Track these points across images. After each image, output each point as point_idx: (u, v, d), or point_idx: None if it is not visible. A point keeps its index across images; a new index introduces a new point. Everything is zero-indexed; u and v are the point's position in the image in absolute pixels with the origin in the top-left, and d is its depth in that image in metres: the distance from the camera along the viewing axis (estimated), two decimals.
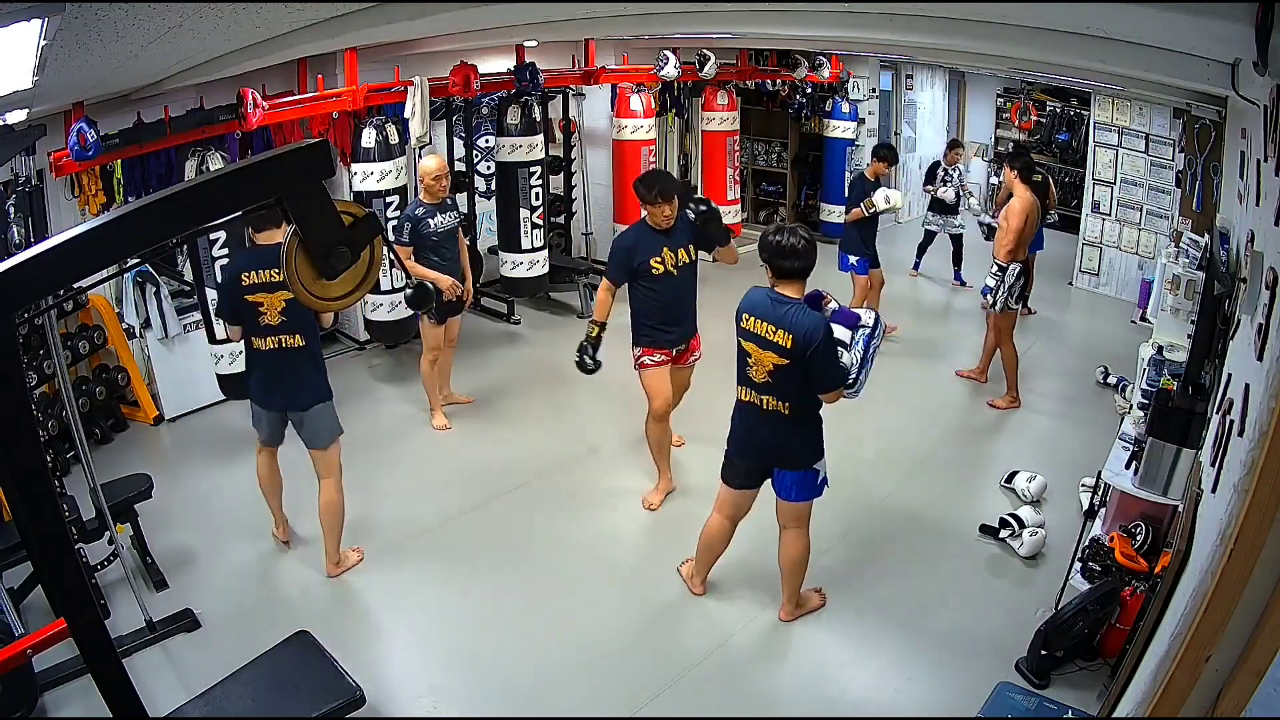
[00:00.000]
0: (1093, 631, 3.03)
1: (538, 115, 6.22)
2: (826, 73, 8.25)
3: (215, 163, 4.63)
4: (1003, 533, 3.86)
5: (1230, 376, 2.30)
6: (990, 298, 5.06)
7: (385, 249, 1.84)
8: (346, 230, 1.70)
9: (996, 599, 3.56)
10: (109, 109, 4.54)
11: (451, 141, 6.48)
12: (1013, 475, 4.30)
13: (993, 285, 5.02)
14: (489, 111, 6.74)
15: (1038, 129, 9.60)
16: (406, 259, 4.42)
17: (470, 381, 5.45)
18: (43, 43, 2.06)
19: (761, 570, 3.49)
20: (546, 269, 6.43)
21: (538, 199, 6.22)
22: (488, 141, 6.85)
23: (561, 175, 7.33)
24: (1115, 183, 7.29)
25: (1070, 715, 2.77)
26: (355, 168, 5.23)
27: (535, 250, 6.29)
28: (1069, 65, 4.54)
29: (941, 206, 7.58)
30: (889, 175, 6.04)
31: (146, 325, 5.01)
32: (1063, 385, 5.62)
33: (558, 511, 4.14)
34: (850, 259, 5.96)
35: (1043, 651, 3.00)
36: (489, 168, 6.91)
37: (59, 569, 1.42)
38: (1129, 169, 7.17)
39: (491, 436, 4.90)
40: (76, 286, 1.57)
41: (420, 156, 5.07)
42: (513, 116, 6.05)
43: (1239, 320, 2.31)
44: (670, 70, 6.91)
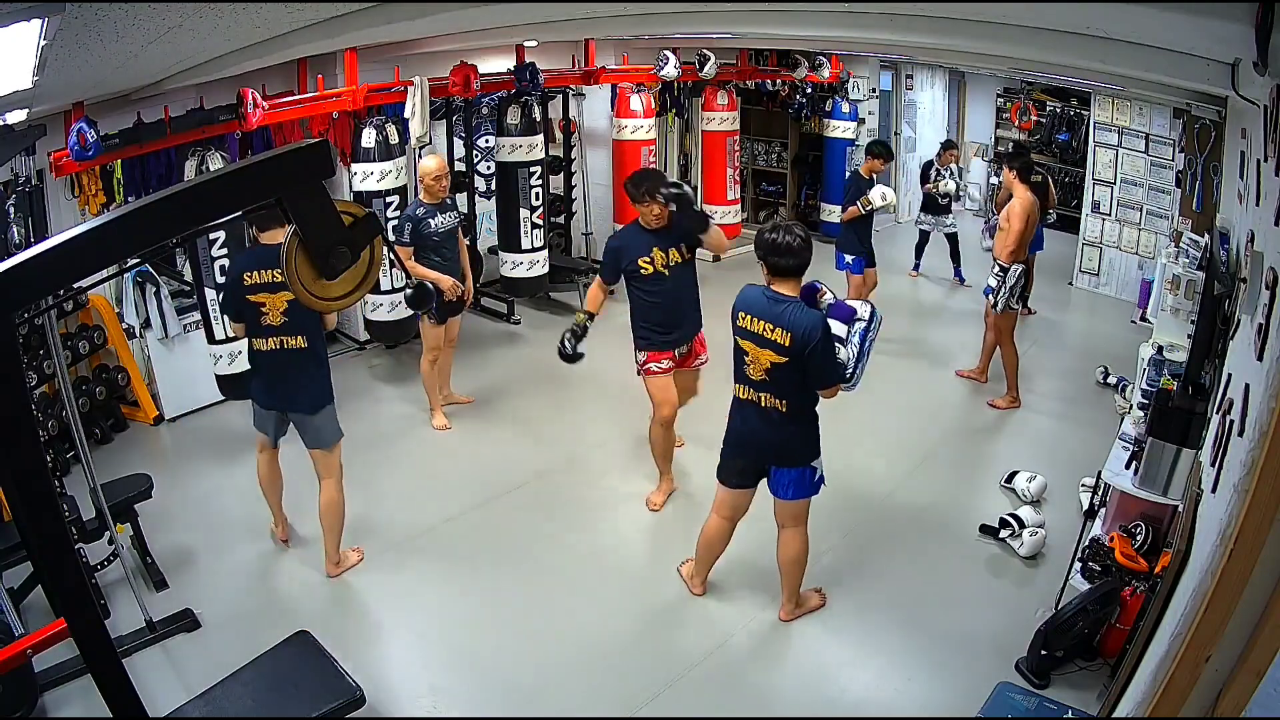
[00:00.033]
0: (1093, 631, 3.03)
1: (538, 115, 6.22)
2: (826, 73, 8.25)
3: (215, 163, 4.63)
4: (1003, 533, 3.86)
5: (1230, 376, 2.31)
6: (992, 298, 5.07)
7: (385, 249, 1.84)
8: (346, 230, 1.70)
9: (996, 599, 3.56)
10: (109, 109, 4.54)
11: (451, 141, 6.48)
12: (1013, 475, 4.30)
13: (994, 286, 5.05)
14: (489, 111, 6.74)
15: (1038, 129, 9.60)
16: (407, 259, 4.42)
17: (470, 381, 5.45)
18: (43, 43, 2.06)
19: (761, 570, 3.49)
20: (546, 269, 6.43)
21: (538, 199, 6.22)
22: (488, 141, 6.85)
23: (561, 175, 7.33)
24: (1115, 183, 7.29)
25: (1070, 715, 2.77)
26: (355, 168, 5.23)
27: (535, 250, 6.29)
28: (1069, 65, 4.54)
29: (934, 206, 7.58)
30: (885, 173, 6.04)
31: (146, 325, 5.01)
32: (1063, 385, 5.62)
33: (558, 512, 4.14)
34: (846, 258, 5.97)
35: (1043, 651, 3.00)
36: (489, 168, 6.91)
37: (59, 569, 1.42)
38: (1129, 169, 7.17)
39: (491, 436, 4.90)
40: (76, 286, 1.57)
41: (420, 156, 5.07)
42: (513, 116, 6.05)
43: (1239, 320, 2.31)
44: (670, 70, 6.90)
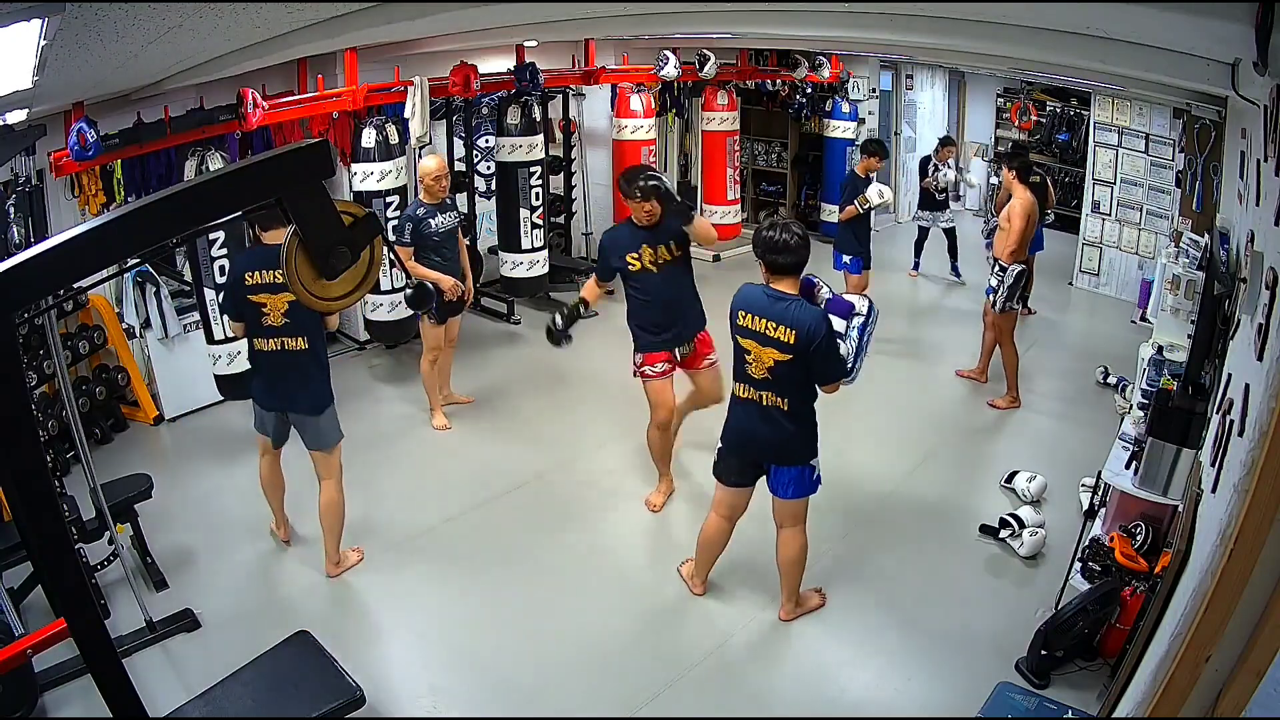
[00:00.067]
0: (1093, 631, 3.03)
1: (538, 115, 6.23)
2: (826, 73, 8.25)
3: (215, 163, 4.63)
4: (1003, 533, 3.86)
5: (1230, 376, 2.31)
6: (993, 298, 5.08)
7: (385, 249, 1.84)
8: (346, 230, 1.70)
9: (996, 599, 3.56)
10: (109, 109, 4.54)
11: (451, 141, 6.48)
12: (1013, 475, 4.30)
13: (995, 286, 5.05)
14: (489, 111, 6.74)
15: (1038, 129, 9.60)
16: (407, 259, 4.42)
17: (470, 381, 5.45)
18: (43, 43, 2.06)
19: (761, 570, 3.49)
20: (546, 269, 6.44)
21: (538, 199, 6.22)
22: (488, 141, 6.85)
23: (561, 175, 7.33)
24: (1115, 183, 7.29)
25: (1070, 715, 2.76)
26: (355, 168, 5.23)
27: (535, 250, 6.29)
28: (1069, 65, 4.54)
29: (931, 203, 7.59)
30: (881, 171, 6.04)
31: (146, 325, 5.01)
32: (1063, 385, 5.62)
33: (558, 512, 4.14)
34: (844, 258, 5.97)
35: (1043, 651, 3.00)
36: (489, 168, 6.91)
37: (59, 569, 1.42)
38: (1129, 169, 7.17)
39: (491, 436, 4.90)
40: (76, 286, 1.56)
41: (420, 156, 5.07)
42: (513, 116, 6.05)
43: (1239, 320, 2.31)
44: (670, 70, 6.91)
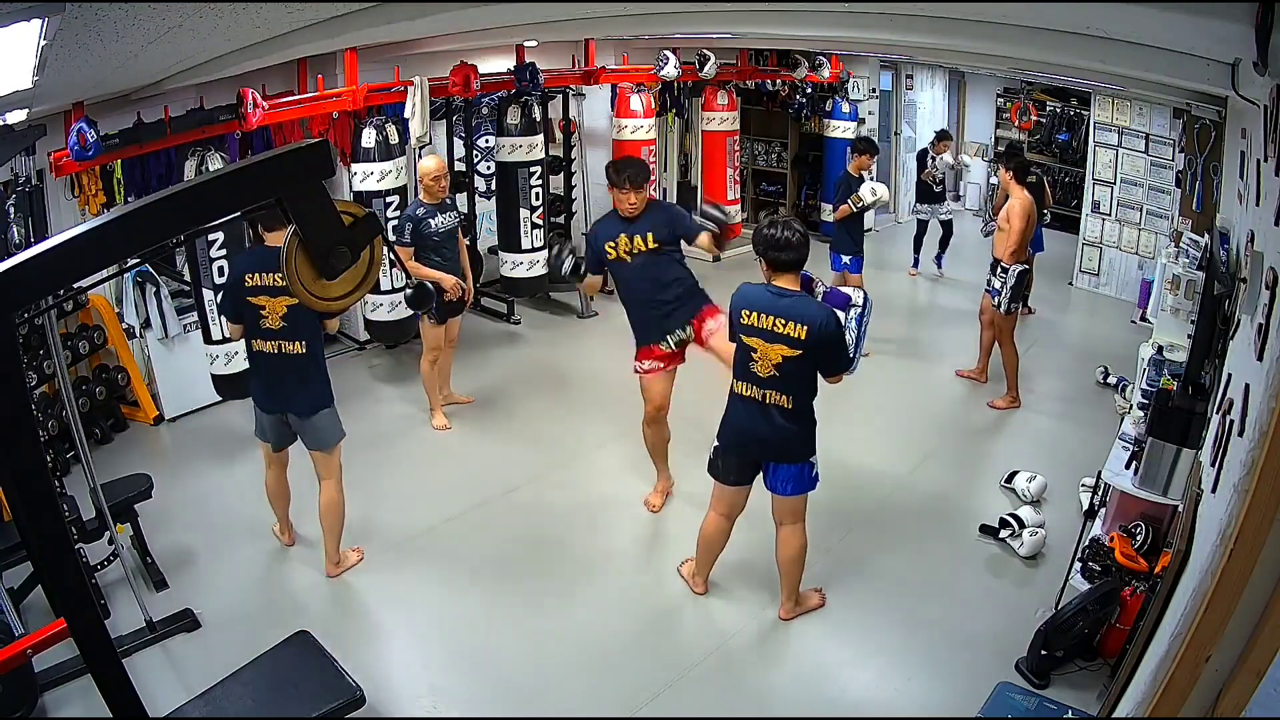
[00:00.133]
0: (1093, 631, 3.03)
1: (538, 115, 6.22)
2: (826, 73, 8.25)
3: (215, 163, 4.63)
4: (1003, 533, 3.86)
5: (1230, 376, 2.31)
6: (997, 299, 5.08)
7: (385, 249, 1.84)
8: (346, 230, 1.70)
9: (996, 599, 3.56)
10: (109, 109, 4.54)
11: (451, 141, 6.48)
12: (1013, 475, 4.30)
13: (998, 287, 5.06)
14: (489, 111, 6.73)
15: (1038, 129, 9.60)
16: (407, 259, 4.42)
17: (470, 381, 5.45)
18: (43, 43, 2.06)
19: (761, 570, 3.49)
20: (546, 269, 6.43)
21: (538, 199, 6.22)
22: (488, 141, 6.84)
23: (561, 175, 7.33)
24: (1115, 183, 7.29)
25: (1070, 715, 2.76)
26: (355, 168, 5.23)
27: (535, 250, 6.29)
28: (1069, 65, 4.54)
29: (929, 195, 7.59)
30: (880, 171, 6.04)
31: (146, 325, 5.01)
32: (1063, 385, 5.62)
33: (558, 512, 4.14)
34: (843, 258, 5.97)
35: (1043, 651, 3.00)
36: (489, 168, 6.90)
37: (59, 569, 1.42)
38: (1129, 169, 7.17)
39: (491, 436, 4.90)
40: (76, 286, 1.56)
41: (420, 156, 5.07)
42: (513, 116, 6.05)
43: (1239, 320, 2.31)
44: (670, 70, 6.91)
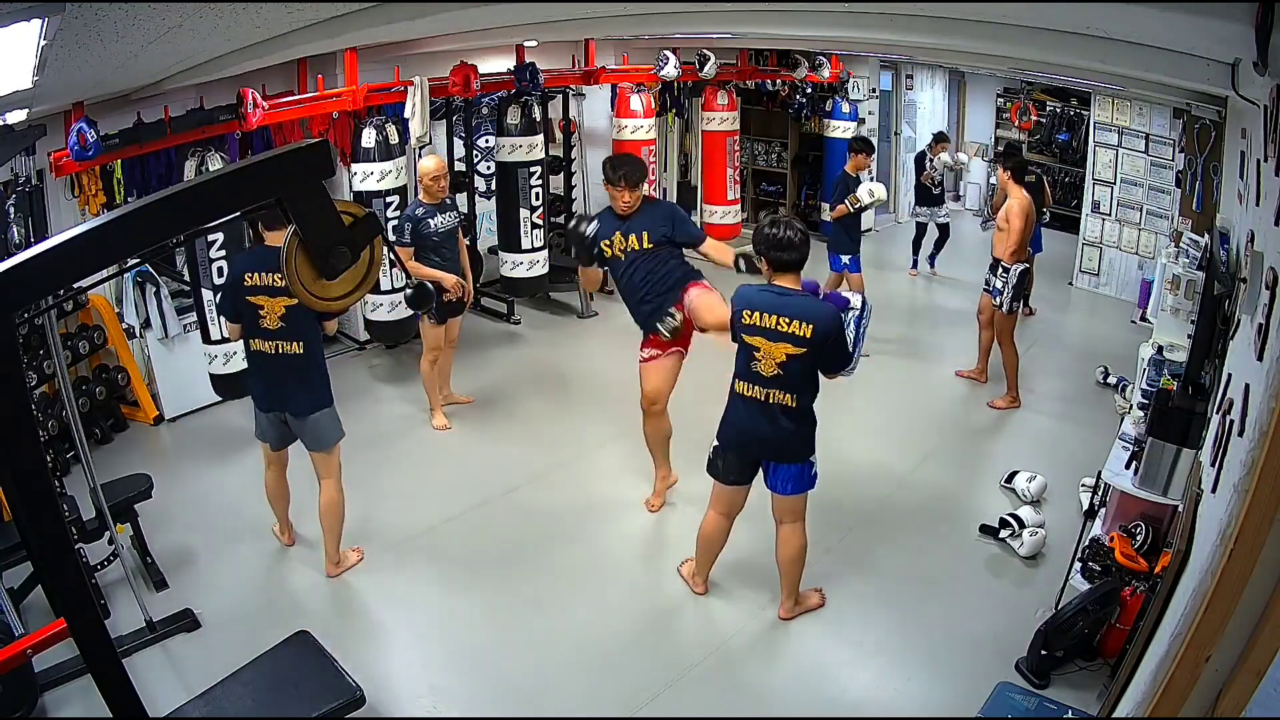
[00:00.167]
0: (1093, 631, 3.03)
1: (538, 115, 6.22)
2: (826, 73, 8.24)
3: (215, 163, 4.62)
4: (1003, 533, 3.86)
5: (1230, 376, 2.31)
6: (998, 300, 5.09)
7: (385, 249, 1.84)
8: (346, 230, 1.70)
9: (996, 599, 3.56)
10: (109, 109, 4.54)
11: (451, 141, 6.48)
12: (1013, 475, 4.30)
13: (1000, 287, 5.06)
14: (489, 111, 6.74)
15: (1038, 129, 9.60)
16: (407, 259, 4.41)
17: (470, 381, 5.45)
18: (43, 43, 2.06)
19: (761, 570, 3.49)
20: (546, 269, 6.44)
21: (538, 199, 6.21)
22: (488, 141, 6.84)
23: (561, 175, 7.33)
24: (1115, 183, 7.29)
25: (1070, 715, 2.76)
26: (355, 168, 5.23)
27: (535, 250, 6.29)
28: (1069, 65, 4.54)
29: (928, 198, 7.60)
30: (880, 171, 6.04)
31: (146, 325, 5.01)
32: (1063, 385, 5.62)
33: (558, 511, 4.14)
34: (842, 258, 5.97)
35: (1043, 651, 3.00)
36: (489, 168, 6.90)
37: (59, 569, 1.42)
38: (1129, 169, 7.17)
39: (491, 436, 4.90)
40: (76, 286, 1.57)
41: (420, 156, 5.07)
42: (513, 116, 6.04)
43: (1239, 320, 2.31)
44: (670, 70, 6.90)
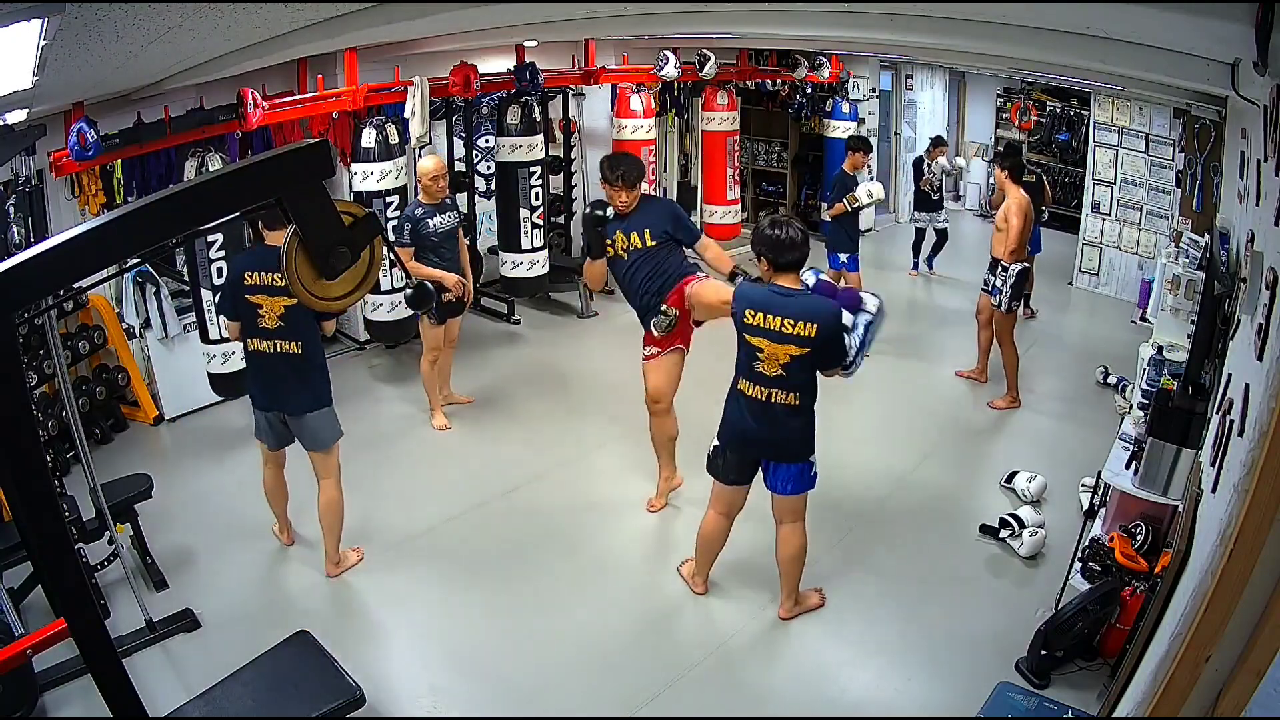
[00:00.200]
0: (1093, 631, 3.03)
1: (538, 115, 6.22)
2: (826, 73, 8.24)
3: (215, 163, 4.62)
4: (1003, 533, 3.86)
5: (1230, 376, 2.31)
6: (998, 299, 5.09)
7: (385, 249, 1.84)
8: (346, 230, 1.70)
9: (996, 599, 3.56)
10: (109, 109, 4.54)
11: (451, 141, 6.48)
12: (1013, 475, 4.30)
13: (999, 286, 5.07)
14: (489, 111, 6.74)
15: (1038, 129, 9.60)
16: (407, 259, 4.41)
17: (470, 381, 5.45)
18: (43, 43, 2.06)
19: (761, 570, 3.49)
20: (546, 269, 6.43)
21: (538, 199, 6.21)
22: (488, 141, 6.84)
23: (561, 175, 7.33)
24: (1115, 183, 7.29)
25: (1070, 715, 2.76)
26: (355, 168, 5.23)
27: (535, 250, 6.29)
28: (1069, 65, 4.54)
29: (926, 203, 7.62)
30: (873, 169, 6.04)
31: (146, 325, 5.01)
32: (1063, 385, 5.62)
33: (558, 511, 4.14)
34: (841, 257, 5.97)
35: (1043, 651, 3.00)
36: (489, 168, 6.90)
37: (59, 569, 1.42)
38: (1129, 169, 7.17)
39: (491, 436, 4.90)
40: (76, 286, 1.57)
41: (420, 156, 5.07)
42: (513, 116, 6.04)
43: (1239, 320, 2.31)
44: (670, 70, 6.90)
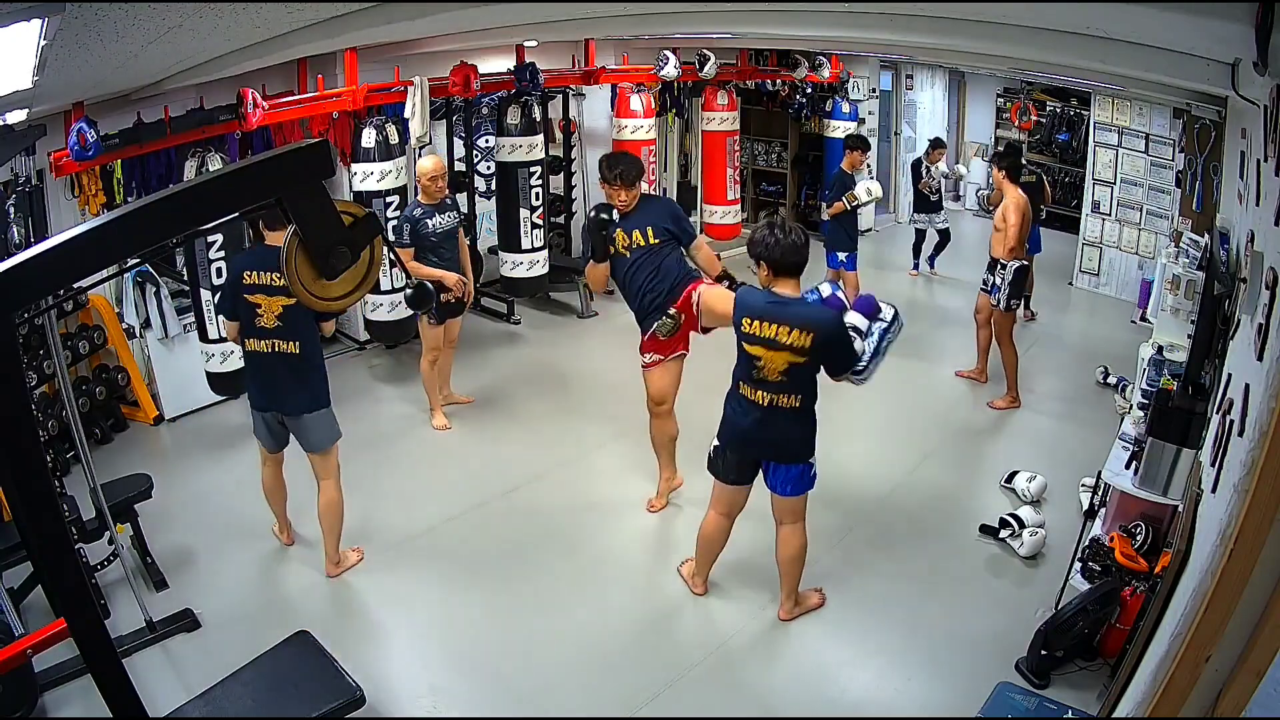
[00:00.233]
0: (1093, 631, 3.03)
1: (538, 115, 6.22)
2: (826, 73, 8.24)
3: (215, 163, 4.62)
4: (1003, 533, 3.86)
5: (1230, 376, 2.31)
6: (997, 297, 5.10)
7: (385, 249, 1.84)
8: (346, 230, 1.70)
9: (996, 599, 3.56)
10: (109, 109, 4.54)
11: (451, 141, 6.48)
12: (1013, 475, 4.30)
13: (998, 284, 5.07)
14: (489, 111, 6.74)
15: (1038, 129, 9.59)
16: (408, 260, 4.41)
17: (470, 381, 5.45)
18: (43, 43, 2.06)
19: (761, 570, 3.49)
20: (546, 269, 6.43)
21: (538, 199, 6.21)
22: (488, 141, 6.84)
23: (561, 175, 7.33)
24: (1115, 183, 7.29)
25: (1070, 715, 2.76)
26: (355, 168, 5.22)
27: (535, 250, 6.29)
28: (1069, 65, 4.54)
29: (926, 205, 7.62)
30: (872, 168, 6.05)
31: (146, 325, 5.01)
32: (1063, 385, 5.62)
33: (558, 511, 4.14)
34: (840, 256, 5.96)
35: (1043, 651, 3.00)
36: (489, 168, 6.90)
37: (59, 569, 1.42)
38: (1129, 169, 7.17)
39: (491, 436, 4.90)
40: (76, 286, 1.57)
41: (420, 156, 5.07)
42: (513, 116, 6.04)
43: (1239, 320, 2.31)
44: (670, 70, 6.90)
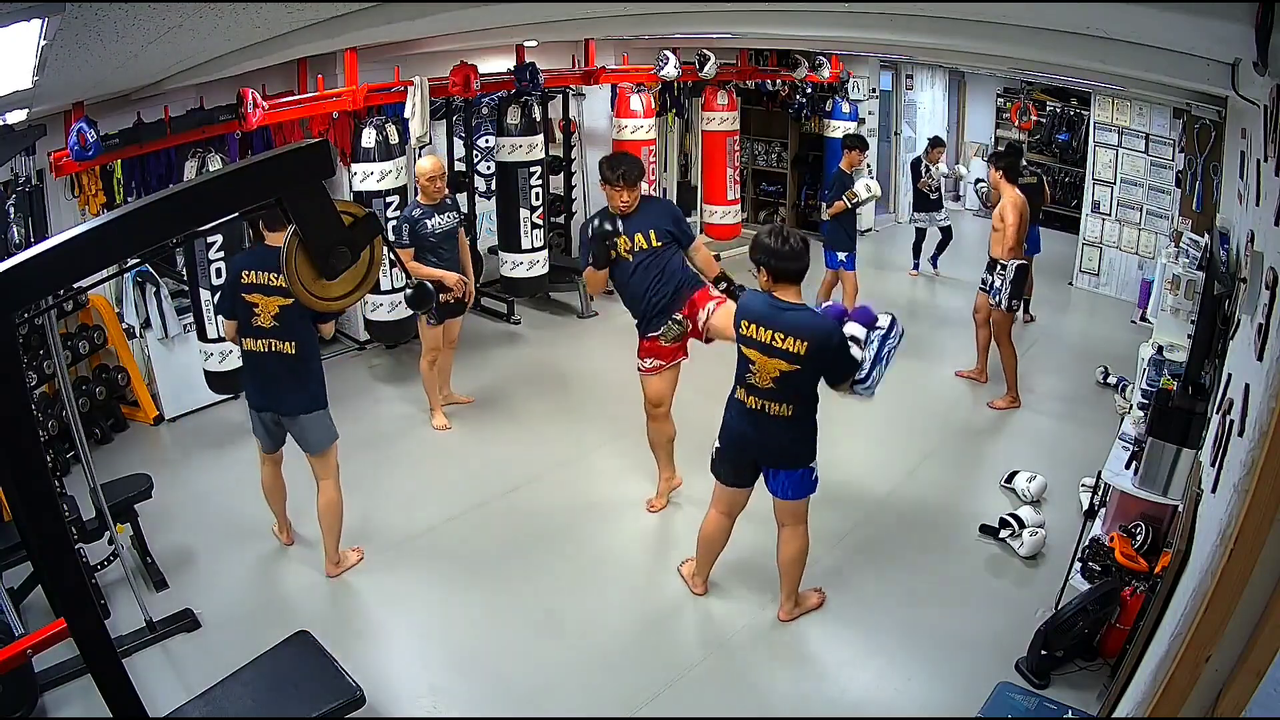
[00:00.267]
0: (1093, 631, 3.03)
1: (538, 115, 6.21)
2: (826, 73, 8.24)
3: (215, 163, 4.62)
4: (1003, 533, 3.86)
5: (1230, 376, 2.31)
6: (996, 296, 5.10)
7: (385, 249, 1.84)
8: (346, 230, 1.70)
9: (996, 599, 3.56)
10: (109, 109, 4.54)
11: (451, 141, 6.48)
12: (1013, 475, 4.30)
13: (998, 284, 5.07)
14: (489, 111, 6.74)
15: (1038, 129, 9.60)
16: (408, 260, 4.41)
17: (470, 381, 5.45)
18: (43, 43, 2.06)
19: (761, 570, 3.49)
20: (546, 269, 6.43)
21: (538, 199, 6.21)
22: (488, 141, 6.84)
23: (561, 175, 7.33)
24: (1115, 183, 7.29)
25: (1070, 715, 2.76)
26: (355, 168, 5.22)
27: (535, 250, 6.29)
28: (1069, 65, 4.54)
29: (926, 204, 7.62)
30: (872, 167, 6.05)
31: (146, 325, 5.02)
32: (1063, 385, 5.62)
33: (558, 511, 4.14)
34: (839, 255, 5.96)
35: (1043, 651, 3.00)
36: (489, 168, 6.90)
37: (59, 569, 1.42)
38: (1129, 169, 7.17)
39: (491, 436, 4.90)
40: (76, 286, 1.57)
41: (420, 156, 5.07)
42: (513, 116, 6.04)
43: (1239, 320, 2.31)
44: (670, 70, 6.90)
